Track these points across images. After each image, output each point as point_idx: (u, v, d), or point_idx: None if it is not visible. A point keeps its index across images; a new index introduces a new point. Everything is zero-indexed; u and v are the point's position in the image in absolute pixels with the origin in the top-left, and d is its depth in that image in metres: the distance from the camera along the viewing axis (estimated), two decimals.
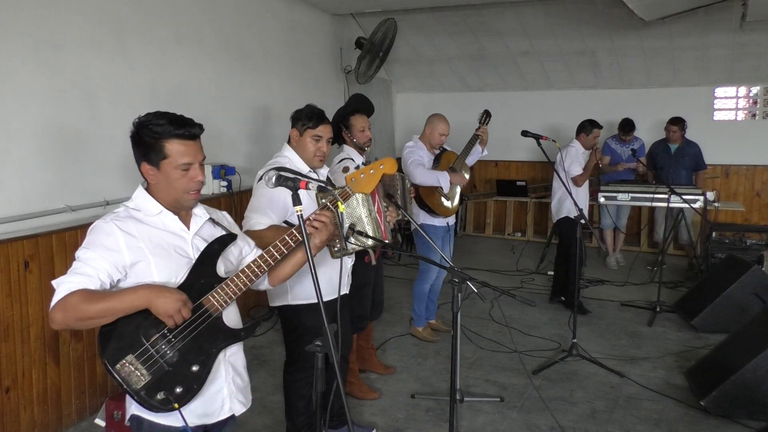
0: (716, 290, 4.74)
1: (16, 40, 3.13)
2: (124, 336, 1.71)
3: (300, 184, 1.83)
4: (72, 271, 1.69)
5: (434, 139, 4.37)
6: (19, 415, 3.11)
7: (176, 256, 1.82)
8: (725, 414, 3.41)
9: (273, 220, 2.60)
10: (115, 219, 1.78)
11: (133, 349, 1.71)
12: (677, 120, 6.41)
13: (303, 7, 6.08)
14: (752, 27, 6.06)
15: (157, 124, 1.77)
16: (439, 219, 4.40)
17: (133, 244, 1.75)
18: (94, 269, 1.68)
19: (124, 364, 1.70)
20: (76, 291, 1.64)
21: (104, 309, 1.65)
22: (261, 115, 5.34)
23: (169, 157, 1.78)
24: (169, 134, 1.77)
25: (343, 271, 2.64)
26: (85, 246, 1.73)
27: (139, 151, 1.82)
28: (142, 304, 1.68)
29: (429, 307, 4.71)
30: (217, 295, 1.83)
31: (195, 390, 1.79)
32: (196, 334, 1.79)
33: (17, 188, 3.16)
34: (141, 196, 1.86)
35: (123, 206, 1.85)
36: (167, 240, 1.82)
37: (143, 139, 1.79)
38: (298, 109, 2.85)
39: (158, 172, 1.80)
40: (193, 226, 1.89)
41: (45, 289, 3.20)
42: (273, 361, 4.21)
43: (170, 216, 1.85)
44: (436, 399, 3.70)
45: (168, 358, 1.75)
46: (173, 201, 1.85)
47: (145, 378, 1.71)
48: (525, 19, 6.73)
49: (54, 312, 1.65)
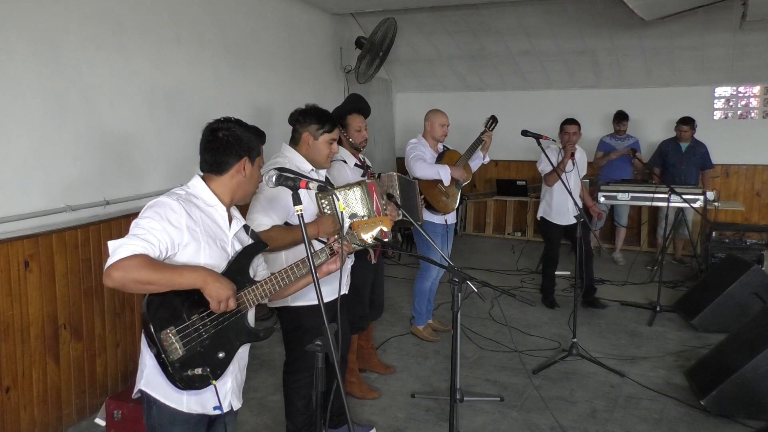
0: (716, 290, 4.74)
1: (16, 39, 3.13)
2: (169, 308, 1.80)
3: (300, 184, 1.84)
4: (135, 236, 1.75)
5: (436, 131, 4.37)
6: (19, 415, 3.11)
7: (220, 249, 1.94)
8: (725, 413, 3.42)
9: (275, 221, 2.60)
10: (181, 200, 1.88)
11: (176, 323, 1.80)
12: (688, 120, 6.49)
13: (303, 6, 6.08)
14: (752, 27, 6.06)
15: (253, 128, 2.03)
16: (438, 216, 4.41)
17: (192, 227, 1.85)
18: (156, 238, 1.76)
19: (168, 334, 1.78)
20: (139, 254, 1.71)
21: (165, 278, 1.74)
22: (261, 115, 5.34)
23: (260, 156, 2.03)
24: (262, 138, 2.05)
25: (343, 272, 2.64)
26: (149, 216, 1.80)
27: (238, 148, 1.96)
28: (198, 284, 1.79)
29: (427, 307, 4.71)
30: (251, 294, 1.96)
31: (218, 375, 1.90)
32: (227, 325, 1.92)
33: (17, 188, 3.15)
34: (199, 185, 1.97)
35: (182, 189, 1.95)
36: (215, 231, 1.94)
37: (245, 137, 1.98)
38: (302, 111, 2.80)
39: (251, 169, 1.99)
40: (233, 227, 2.01)
41: (45, 289, 3.21)
42: (273, 361, 4.21)
43: (223, 211, 1.98)
44: (436, 398, 3.70)
45: (202, 340, 1.85)
46: (240, 198, 2.03)
47: (180, 352, 1.79)
48: (525, 19, 6.73)
49: (113, 269, 1.69)
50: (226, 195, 1.99)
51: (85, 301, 3.45)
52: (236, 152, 1.96)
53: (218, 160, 1.96)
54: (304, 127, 2.77)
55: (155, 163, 4.01)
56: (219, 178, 1.98)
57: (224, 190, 1.98)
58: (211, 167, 1.98)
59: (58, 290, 3.29)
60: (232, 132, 1.96)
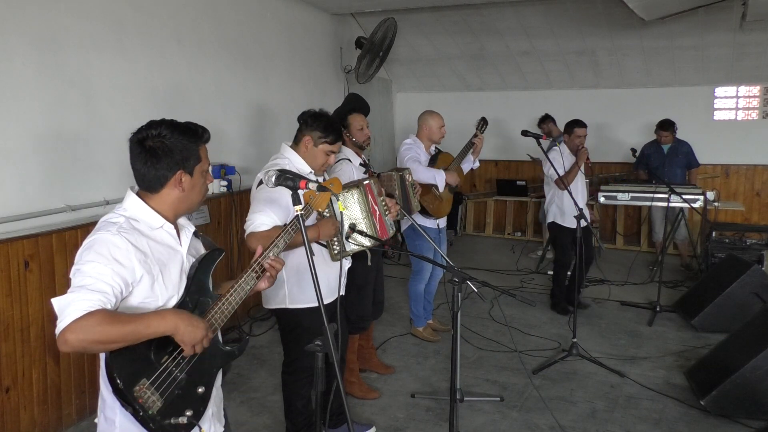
0: (716, 290, 4.74)
1: (16, 40, 3.13)
2: (136, 360, 1.59)
3: (300, 184, 1.83)
4: (82, 288, 1.52)
5: (435, 134, 4.36)
6: (19, 415, 3.11)
7: (174, 272, 1.74)
8: (725, 413, 3.42)
9: (276, 221, 2.60)
10: (123, 231, 1.63)
11: (148, 373, 1.60)
12: (668, 125, 6.43)
13: (303, 6, 6.08)
14: (752, 27, 6.06)
15: (188, 129, 1.73)
16: (430, 220, 4.38)
17: (142, 259, 1.64)
18: (108, 285, 1.54)
19: (141, 387, 1.58)
20: (95, 311, 1.48)
21: (128, 332, 1.52)
22: (261, 115, 5.34)
23: (201, 161, 1.76)
24: (200, 139, 1.76)
25: (342, 273, 2.65)
26: (93, 260, 1.57)
27: (170, 160, 1.70)
28: (168, 331, 1.59)
29: (425, 308, 4.71)
30: (218, 314, 1.76)
31: (201, 412, 1.74)
32: (201, 355, 1.72)
33: (17, 188, 3.16)
34: (138, 206, 1.72)
35: (120, 216, 1.69)
36: (168, 255, 1.73)
37: (177, 146, 1.70)
38: (313, 114, 2.79)
39: (190, 180, 1.74)
40: (183, 240, 1.81)
41: (45, 289, 3.21)
42: (272, 361, 4.21)
43: (170, 229, 1.76)
44: (436, 398, 3.70)
45: (178, 382, 1.67)
46: (186, 211, 1.80)
47: (159, 403, 1.60)
48: (525, 19, 6.73)
49: (68, 333, 1.47)
50: (169, 212, 1.75)
51: None
52: (167, 166, 1.70)
53: (148, 176, 1.71)
54: (308, 130, 2.77)
55: None
56: (155, 196, 1.73)
57: (165, 207, 1.74)
58: (143, 185, 1.74)
59: (58, 290, 3.28)
60: (160, 142, 1.69)
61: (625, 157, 7.18)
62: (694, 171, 6.68)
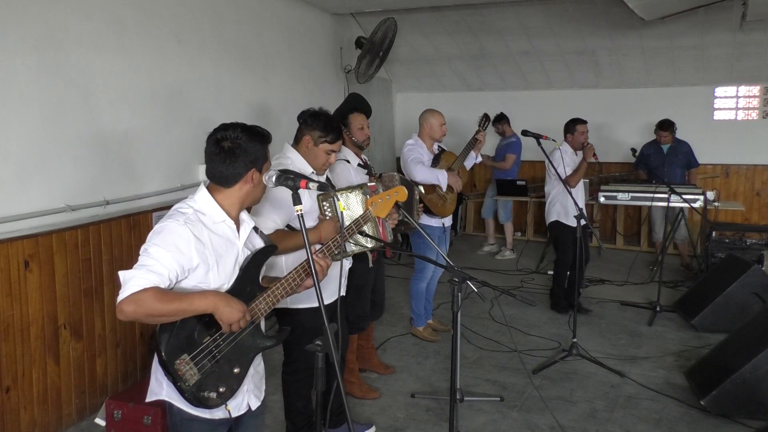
0: (716, 290, 4.74)
1: (16, 40, 3.12)
2: (181, 335, 1.81)
3: (300, 184, 1.84)
4: (143, 267, 1.75)
5: (436, 132, 4.36)
6: (19, 415, 3.11)
7: (229, 263, 1.92)
8: (725, 413, 3.42)
9: (278, 224, 2.59)
10: (188, 222, 1.83)
11: (189, 349, 1.82)
12: (667, 125, 6.44)
13: (303, 6, 6.08)
14: (752, 27, 6.06)
15: (258, 132, 1.94)
16: (435, 219, 4.38)
17: (201, 250, 1.83)
18: (165, 269, 1.76)
19: (181, 362, 1.79)
20: (149, 288, 1.71)
21: (175, 309, 1.75)
22: (261, 115, 5.33)
23: (267, 161, 1.97)
24: (268, 141, 1.98)
25: (342, 273, 2.64)
26: (157, 243, 1.78)
27: (246, 159, 1.90)
28: (209, 309, 1.81)
29: (426, 308, 4.71)
30: (262, 304, 1.96)
31: (235, 389, 1.93)
32: (240, 338, 1.93)
33: (17, 188, 3.15)
34: (206, 200, 1.92)
35: (189, 206, 1.89)
36: (224, 247, 1.92)
37: (251, 147, 1.90)
38: (312, 114, 2.79)
39: (259, 177, 1.94)
40: (242, 234, 1.99)
41: (45, 289, 3.21)
42: (273, 361, 4.19)
43: (231, 224, 1.95)
44: (436, 398, 3.70)
45: (215, 360, 1.87)
46: (249, 204, 2.00)
47: (196, 376, 1.82)
48: (525, 19, 6.73)
49: (125, 304, 1.71)
50: (235, 206, 1.95)
51: (85, 301, 3.45)
52: (243, 164, 1.90)
53: (225, 173, 1.90)
54: (308, 129, 2.76)
55: (155, 163, 4.01)
56: (227, 190, 1.93)
57: (233, 201, 1.94)
58: (218, 180, 1.92)
59: (58, 290, 3.29)
60: (237, 142, 1.88)
61: (625, 157, 7.19)
62: (694, 171, 6.69)
